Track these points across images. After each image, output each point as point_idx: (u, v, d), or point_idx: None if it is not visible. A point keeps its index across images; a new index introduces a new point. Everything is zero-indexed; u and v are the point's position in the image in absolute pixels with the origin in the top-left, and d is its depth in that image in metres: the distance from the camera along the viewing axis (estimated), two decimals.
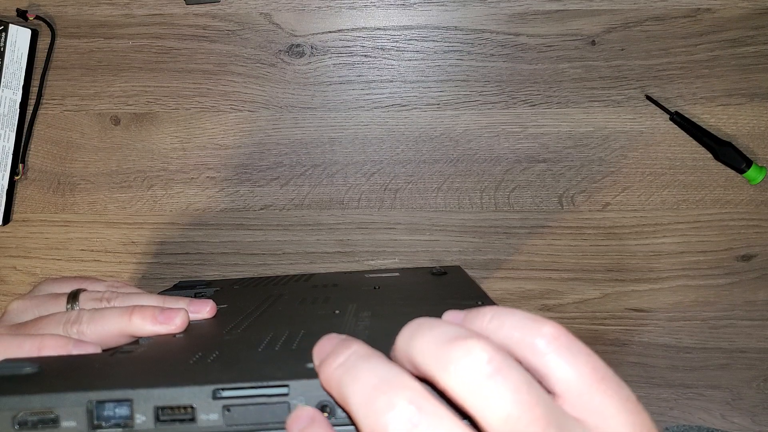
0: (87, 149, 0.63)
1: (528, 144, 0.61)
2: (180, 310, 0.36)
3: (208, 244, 0.63)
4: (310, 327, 0.34)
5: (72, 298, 0.39)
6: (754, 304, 0.62)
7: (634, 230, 0.62)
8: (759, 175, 0.60)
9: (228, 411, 0.24)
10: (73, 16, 0.61)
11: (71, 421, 0.24)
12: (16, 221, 0.63)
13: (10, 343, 0.34)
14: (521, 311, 0.23)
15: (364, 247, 0.63)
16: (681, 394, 0.63)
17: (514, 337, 0.22)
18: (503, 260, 0.62)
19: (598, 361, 0.22)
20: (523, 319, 0.22)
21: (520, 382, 0.20)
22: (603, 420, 0.21)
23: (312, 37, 0.61)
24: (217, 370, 0.27)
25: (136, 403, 0.24)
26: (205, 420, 0.24)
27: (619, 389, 0.22)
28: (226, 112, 0.62)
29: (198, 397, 0.24)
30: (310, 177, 0.62)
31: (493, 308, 0.23)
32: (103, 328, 0.36)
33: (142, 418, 0.24)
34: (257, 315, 0.39)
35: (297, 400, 0.24)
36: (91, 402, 0.24)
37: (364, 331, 0.32)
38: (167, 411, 0.24)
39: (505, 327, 0.22)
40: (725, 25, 0.59)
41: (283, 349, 0.30)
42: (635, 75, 0.60)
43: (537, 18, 0.60)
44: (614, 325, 0.63)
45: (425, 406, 0.20)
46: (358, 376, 0.21)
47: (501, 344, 0.22)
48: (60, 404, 0.24)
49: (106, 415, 0.24)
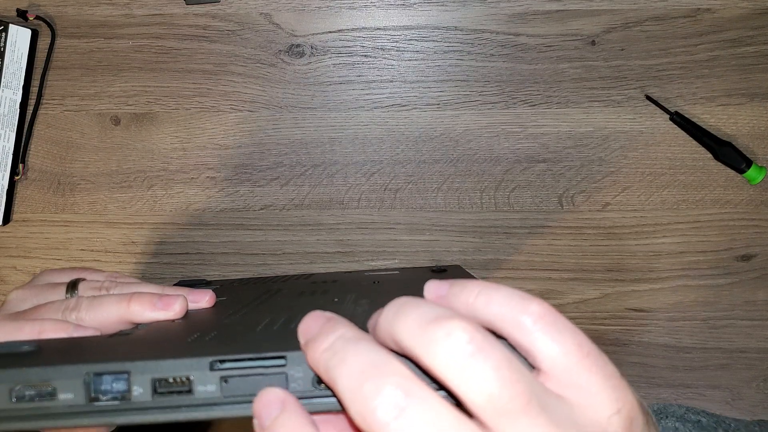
0: (87, 149, 0.63)
1: (528, 144, 0.61)
2: (179, 297, 0.36)
3: (208, 244, 0.63)
4: (308, 312, 0.34)
5: (71, 287, 0.39)
6: (754, 304, 0.62)
7: (634, 230, 0.62)
8: (759, 175, 0.60)
9: (225, 382, 0.24)
10: (73, 16, 0.61)
11: (68, 394, 0.24)
12: (16, 221, 0.63)
13: (10, 327, 0.34)
14: (508, 288, 0.23)
15: (364, 247, 0.63)
16: (681, 394, 0.63)
17: (500, 313, 0.22)
18: (503, 260, 0.62)
19: (584, 338, 0.22)
20: (510, 295, 0.22)
21: (500, 359, 0.20)
22: (587, 396, 0.22)
23: (312, 37, 0.61)
24: (214, 345, 0.27)
25: (133, 375, 0.24)
26: (202, 391, 0.24)
27: (604, 366, 0.22)
28: (226, 112, 0.62)
29: (195, 369, 0.24)
30: (310, 177, 0.62)
31: (479, 283, 0.23)
32: (102, 314, 0.36)
33: (140, 390, 0.24)
34: (256, 304, 0.39)
35: (294, 371, 0.24)
36: (89, 374, 0.24)
37: (362, 314, 0.32)
38: (164, 383, 0.24)
39: (492, 304, 0.22)
40: (725, 25, 0.60)
41: (281, 328, 0.30)
42: (635, 75, 0.60)
43: (537, 18, 0.60)
44: (614, 325, 0.63)
45: (412, 390, 0.20)
46: (345, 360, 0.21)
47: (487, 321, 0.22)
48: (57, 377, 0.24)
49: (104, 389, 0.24)
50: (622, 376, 0.23)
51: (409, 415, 0.19)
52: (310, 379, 0.24)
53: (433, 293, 0.24)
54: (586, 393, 0.22)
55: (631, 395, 0.22)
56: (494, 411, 0.20)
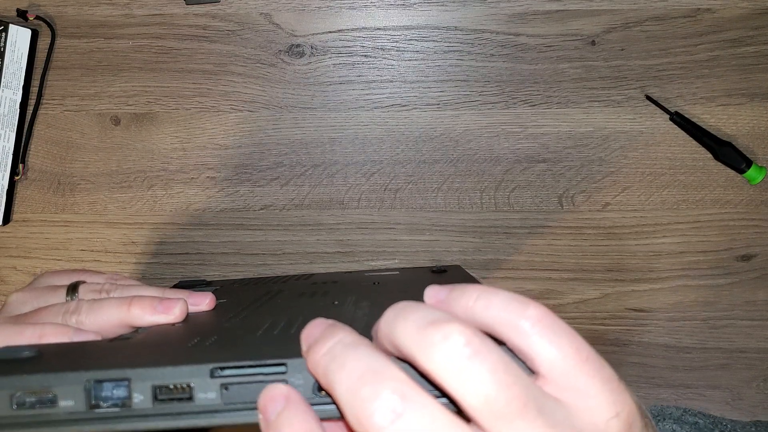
0: (87, 149, 0.63)
1: (528, 144, 0.61)
2: (179, 300, 0.36)
3: (208, 244, 0.63)
4: (309, 315, 0.34)
5: (71, 290, 0.39)
6: (754, 304, 0.62)
7: (634, 230, 0.62)
8: (759, 175, 0.60)
9: (226, 389, 0.24)
10: (73, 16, 0.61)
11: (69, 401, 0.24)
12: (16, 221, 0.63)
13: (11, 331, 0.34)
14: (507, 292, 0.23)
15: (364, 247, 0.63)
16: (681, 394, 0.63)
17: (499, 317, 0.22)
18: (503, 260, 0.62)
19: (582, 341, 0.22)
20: (509, 299, 0.22)
21: (497, 362, 0.20)
22: (585, 399, 0.22)
23: (312, 37, 0.61)
24: (214, 351, 0.27)
25: (134, 383, 0.24)
26: (202, 398, 0.24)
27: (602, 369, 0.22)
28: (226, 112, 0.62)
29: (196, 376, 0.24)
30: (310, 177, 0.62)
31: (478, 287, 0.23)
32: (102, 317, 0.36)
33: (140, 397, 0.24)
34: (256, 306, 0.39)
35: (294, 378, 0.24)
36: (89, 381, 0.24)
37: (363, 318, 0.32)
38: (165, 390, 0.24)
39: (491, 308, 0.22)
40: (725, 25, 0.59)
41: (282, 333, 0.30)
42: (635, 75, 0.60)
43: (537, 18, 0.60)
44: (614, 325, 0.63)
45: (409, 395, 0.20)
46: (344, 364, 0.21)
47: (486, 325, 0.23)
48: (58, 383, 0.24)
49: (104, 396, 0.24)
50: (621, 380, 0.23)
51: (405, 420, 0.19)
52: (311, 387, 0.24)
53: (432, 298, 0.25)
54: (584, 396, 0.22)
55: (629, 398, 0.22)
56: (491, 414, 0.20)
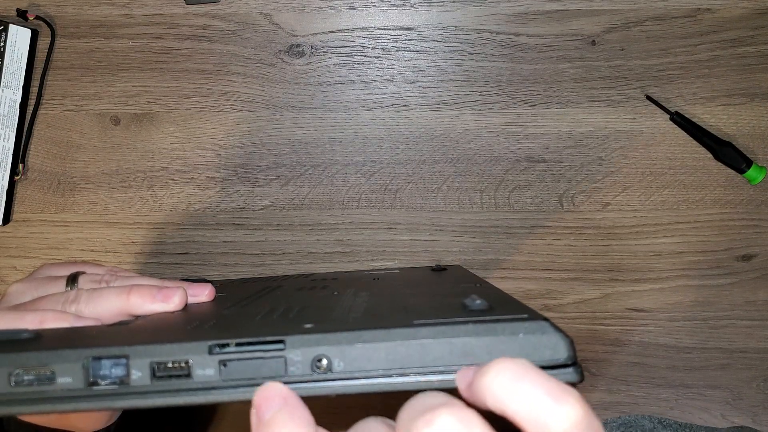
0: (87, 149, 0.63)
1: (528, 144, 0.61)
2: (178, 289, 0.36)
3: (208, 244, 0.63)
4: (309, 304, 0.34)
5: (71, 280, 0.39)
6: (754, 304, 0.62)
7: (634, 230, 0.62)
8: (759, 175, 0.60)
9: (224, 366, 0.24)
10: (73, 16, 0.61)
11: (67, 378, 0.24)
12: (16, 221, 0.63)
13: (11, 317, 0.34)
14: (542, 375, 0.20)
15: (364, 247, 0.63)
16: (681, 394, 0.63)
17: (525, 410, 0.19)
18: (503, 260, 0.62)
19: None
20: (542, 390, 0.19)
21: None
22: None
23: (312, 37, 0.61)
24: (213, 331, 0.27)
25: (132, 359, 0.24)
26: (201, 375, 0.24)
27: None
28: (226, 112, 0.62)
29: (194, 353, 0.24)
30: (310, 177, 0.62)
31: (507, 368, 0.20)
32: (102, 306, 0.35)
33: (138, 374, 0.24)
34: (255, 298, 0.39)
35: (293, 355, 0.24)
36: (88, 359, 0.24)
37: (361, 304, 0.31)
38: (163, 367, 0.24)
39: (519, 394, 0.20)
40: (725, 25, 0.59)
41: (281, 317, 0.30)
42: (635, 75, 0.60)
43: (537, 18, 0.60)
44: (614, 325, 0.63)
45: None
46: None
47: (509, 414, 0.20)
48: (56, 361, 0.24)
49: (103, 373, 0.24)
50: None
51: None
52: (309, 363, 0.24)
53: (463, 383, 0.23)
54: None
55: None
56: None
